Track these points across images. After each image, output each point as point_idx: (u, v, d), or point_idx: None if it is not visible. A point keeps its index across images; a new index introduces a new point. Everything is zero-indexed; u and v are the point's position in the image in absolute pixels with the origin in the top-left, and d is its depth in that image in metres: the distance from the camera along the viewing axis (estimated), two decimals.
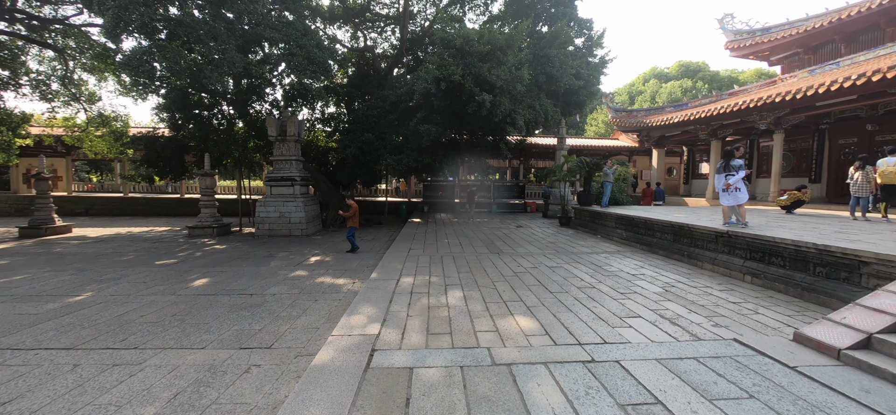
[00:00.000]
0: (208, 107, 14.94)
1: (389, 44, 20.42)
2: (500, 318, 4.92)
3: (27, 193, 22.74)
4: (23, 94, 16.32)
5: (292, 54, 12.05)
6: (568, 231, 13.39)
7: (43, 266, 8.64)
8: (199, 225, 13.74)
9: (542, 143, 24.62)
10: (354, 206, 10.47)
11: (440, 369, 3.58)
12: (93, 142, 17.81)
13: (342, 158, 17.02)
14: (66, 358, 4.08)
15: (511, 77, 12.68)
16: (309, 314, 5.45)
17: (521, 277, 6.98)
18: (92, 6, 9.19)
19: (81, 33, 16.17)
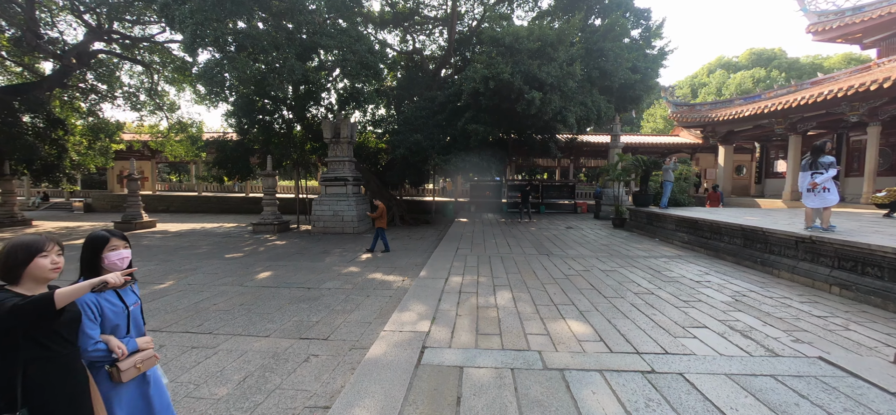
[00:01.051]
0: (270, 112, 16.04)
1: (437, 45, 20.66)
2: (551, 321, 4.79)
3: (120, 192, 25.78)
4: (117, 105, 18.64)
5: (346, 60, 12.58)
6: (622, 233, 12.75)
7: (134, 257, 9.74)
8: (262, 222, 14.79)
9: (594, 141, 23.64)
10: (382, 207, 10.55)
11: (490, 369, 3.56)
12: (173, 146, 19.82)
13: (392, 159, 17.49)
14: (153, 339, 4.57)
15: (562, 73, 12.31)
16: (362, 309, 5.66)
17: (573, 280, 6.76)
18: (174, 24, 10.24)
19: (164, 49, 18.06)
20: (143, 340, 2.12)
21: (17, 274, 1.68)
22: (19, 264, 1.68)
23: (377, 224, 10.46)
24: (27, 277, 1.70)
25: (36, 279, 1.72)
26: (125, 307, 2.09)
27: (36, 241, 1.74)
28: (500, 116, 13.94)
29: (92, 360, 1.90)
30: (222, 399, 3.31)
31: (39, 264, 1.71)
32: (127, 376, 1.96)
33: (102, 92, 18.45)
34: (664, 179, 13.06)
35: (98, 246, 2.02)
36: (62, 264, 1.81)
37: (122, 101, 18.71)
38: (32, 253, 1.70)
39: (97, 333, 1.94)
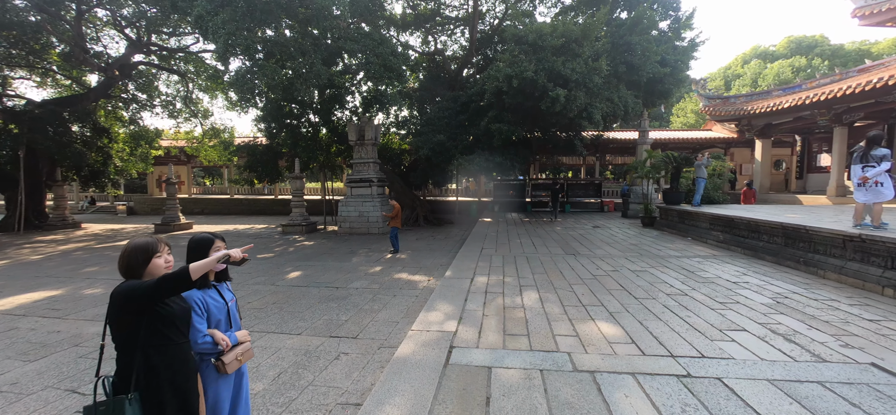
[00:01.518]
0: (297, 116, 16.49)
1: (459, 45, 20.67)
2: (580, 322, 4.71)
3: (159, 195, 27.13)
4: (156, 113, 19.78)
5: (369, 63, 12.78)
6: (652, 232, 12.37)
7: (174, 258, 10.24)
8: (290, 223, 15.24)
9: (621, 137, 23.03)
10: (397, 207, 10.69)
11: (519, 370, 3.54)
12: (207, 151, 20.69)
13: (415, 160, 17.64)
14: None
15: (587, 69, 12.07)
16: (389, 308, 5.74)
17: (601, 281, 6.61)
18: (207, 34, 10.68)
19: (198, 59, 18.88)
20: (241, 334, 2.28)
21: (138, 274, 1.87)
22: (140, 265, 1.86)
23: (391, 224, 10.60)
24: (146, 276, 1.88)
25: (152, 277, 1.88)
26: (225, 304, 2.27)
27: (151, 243, 1.93)
28: (524, 115, 13.80)
29: (200, 352, 2.07)
30: (259, 394, 3.44)
31: (156, 264, 1.90)
32: (231, 367, 2.12)
33: (142, 101, 19.49)
34: (697, 176, 12.57)
35: (206, 246, 2.20)
36: (173, 263, 2.01)
37: (160, 109, 19.71)
38: (150, 254, 1.89)
39: (205, 326, 2.11)
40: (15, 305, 6.23)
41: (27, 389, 3.62)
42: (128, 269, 1.87)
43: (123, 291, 1.76)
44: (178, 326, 1.90)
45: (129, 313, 1.75)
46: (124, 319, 1.77)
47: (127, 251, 1.89)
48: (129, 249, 1.89)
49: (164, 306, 1.84)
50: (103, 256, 10.61)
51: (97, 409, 1.72)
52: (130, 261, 1.86)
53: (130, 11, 15.78)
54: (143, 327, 1.77)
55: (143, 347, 1.77)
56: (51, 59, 16.82)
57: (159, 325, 1.81)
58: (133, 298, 1.73)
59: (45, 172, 17.72)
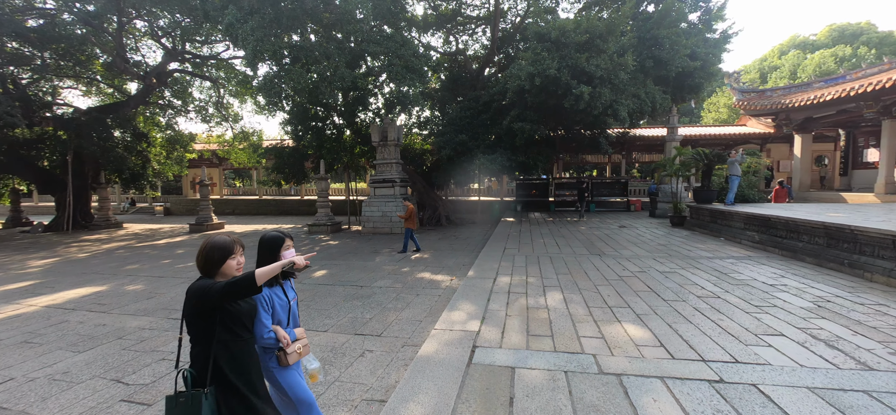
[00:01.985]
0: (322, 119, 16.88)
1: (480, 45, 20.60)
2: (606, 324, 4.62)
3: (193, 197, 28.35)
4: (190, 118, 20.60)
5: (392, 65, 12.93)
6: (681, 232, 11.95)
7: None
8: (316, 223, 15.61)
9: (649, 134, 22.36)
10: (411, 207, 10.72)
11: (543, 371, 3.51)
12: (237, 154, 21.46)
13: (437, 160, 17.72)
14: None
15: (612, 65, 11.80)
16: (412, 307, 5.80)
17: (628, 282, 6.45)
18: (237, 41, 11.11)
19: (229, 65, 19.62)
20: (299, 331, 2.44)
21: (213, 271, 1.98)
22: (216, 263, 1.97)
23: (406, 225, 10.66)
24: (220, 275, 1.99)
25: (225, 277, 1.99)
26: (288, 302, 2.42)
27: (228, 243, 2.02)
28: (547, 113, 13.62)
29: (264, 346, 2.21)
30: None
31: (229, 264, 1.99)
32: (292, 359, 2.27)
33: (177, 107, 20.44)
34: (730, 174, 12.06)
35: (277, 245, 2.33)
36: (243, 264, 2.12)
37: (194, 114, 20.62)
38: (226, 255, 1.99)
39: (270, 322, 2.25)
40: (65, 300, 6.67)
41: (77, 378, 3.88)
42: (205, 265, 1.98)
43: (197, 291, 1.86)
44: (245, 322, 2.03)
45: (202, 310, 1.87)
46: (197, 316, 1.89)
47: (206, 248, 2.00)
48: (208, 246, 2.00)
49: (233, 305, 1.95)
50: (143, 255, 11.20)
51: (177, 399, 1.85)
52: (208, 258, 1.97)
53: (166, 22, 16.58)
54: (216, 324, 1.89)
55: (216, 342, 1.89)
56: (95, 68, 17.89)
57: (229, 322, 1.92)
58: (205, 297, 1.84)
59: (90, 175, 18.85)
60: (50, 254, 11.73)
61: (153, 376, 3.88)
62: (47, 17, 14.96)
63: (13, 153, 16.63)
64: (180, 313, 5.71)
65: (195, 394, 1.82)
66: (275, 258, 2.28)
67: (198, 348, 1.92)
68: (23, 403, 3.45)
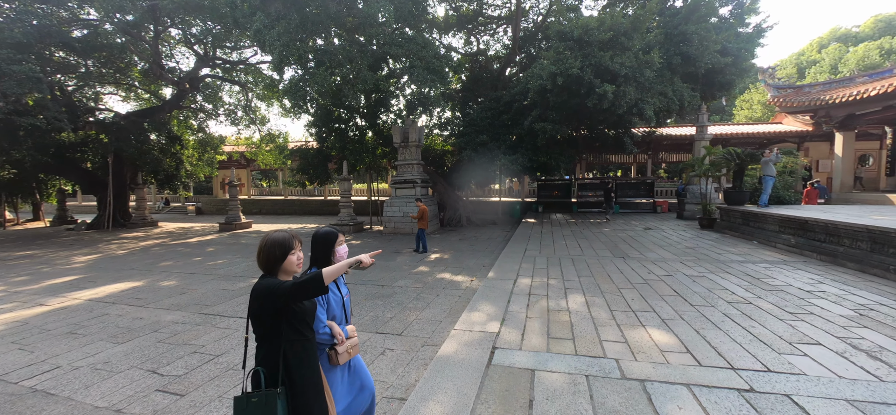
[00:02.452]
0: (345, 120, 17.20)
1: (501, 44, 20.49)
2: (629, 328, 4.52)
3: (223, 197, 29.40)
4: (220, 121, 21.36)
5: (413, 67, 13.05)
6: (711, 235, 11.53)
7: (235, 254, 11.10)
8: (339, 223, 15.91)
9: (676, 133, 21.66)
10: (423, 208, 10.92)
11: (563, 375, 3.47)
12: (264, 155, 22.13)
13: (457, 160, 17.73)
14: None
15: (637, 63, 11.50)
16: (432, 307, 5.83)
17: (653, 286, 6.28)
18: (265, 47, 11.47)
19: (257, 70, 20.28)
20: (351, 328, 2.37)
21: (275, 269, 1.98)
22: (278, 260, 1.96)
23: (419, 225, 10.82)
24: (281, 272, 1.99)
25: (286, 273, 2.00)
26: (342, 298, 2.40)
27: (287, 239, 2.00)
28: (570, 113, 13.41)
29: (319, 342, 2.17)
30: None
31: (290, 260, 1.99)
32: (342, 359, 2.23)
33: (208, 110, 21.28)
34: (764, 174, 11.53)
35: (331, 241, 2.31)
36: (302, 259, 2.12)
37: (224, 117, 21.40)
38: (286, 250, 1.98)
39: (325, 317, 2.23)
40: (106, 294, 7.07)
41: (116, 368, 4.11)
42: (267, 262, 1.97)
43: (264, 291, 1.86)
44: (309, 321, 2.02)
45: (269, 310, 1.86)
46: (264, 315, 1.88)
47: (266, 246, 1.98)
48: (269, 244, 1.98)
49: (298, 304, 1.94)
50: (176, 252, 11.71)
51: (248, 399, 1.82)
52: (269, 256, 1.96)
53: (198, 29, 17.30)
54: (283, 323, 1.89)
55: (284, 341, 1.90)
56: (133, 75, 18.85)
57: (295, 321, 1.92)
58: (273, 297, 1.83)
59: (128, 176, 19.86)
60: (92, 250, 12.43)
61: (186, 367, 4.06)
62: (91, 27, 15.87)
63: (60, 156, 17.71)
64: (213, 309, 5.96)
65: (270, 393, 1.81)
66: (330, 254, 2.27)
67: (266, 347, 1.91)
68: (68, 390, 3.69)
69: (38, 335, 5.11)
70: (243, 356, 2.09)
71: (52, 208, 24.16)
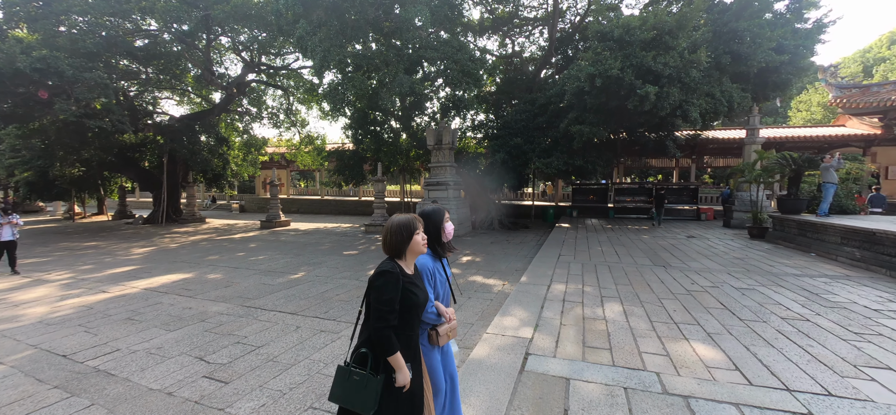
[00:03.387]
0: (380, 123, 17.56)
1: (537, 46, 20.21)
2: (671, 341, 4.30)
3: (264, 196, 30.81)
4: (263, 124, 22.59)
5: (448, 70, 13.13)
6: (762, 246, 10.78)
7: (274, 250, 11.60)
8: (372, 223, 16.23)
9: (723, 136, 20.44)
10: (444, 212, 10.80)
11: (600, 385, 3.36)
12: (303, 156, 23.00)
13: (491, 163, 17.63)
14: (291, 320, 5.39)
15: (682, 63, 10.98)
16: (463, 310, 5.82)
17: (698, 297, 5.95)
18: (307, 52, 11.94)
19: (298, 75, 21.13)
20: (450, 310, 2.33)
21: (403, 250, 2.01)
22: (405, 242, 2.00)
23: None
24: (408, 253, 2.03)
25: (413, 253, 2.04)
26: (447, 279, 2.37)
27: (412, 222, 2.03)
28: (608, 115, 13.00)
29: (424, 321, 2.15)
30: None
31: (416, 241, 2.02)
32: (442, 340, 2.20)
33: (253, 114, 22.40)
34: (824, 181, 10.65)
35: (440, 219, 2.34)
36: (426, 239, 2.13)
37: (267, 120, 22.46)
38: (412, 232, 2.01)
39: (432, 296, 2.21)
40: (159, 284, 7.58)
41: (168, 353, 4.39)
42: (394, 246, 2.00)
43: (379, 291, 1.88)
44: (418, 315, 2.01)
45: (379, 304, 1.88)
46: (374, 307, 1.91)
47: (392, 230, 2.00)
48: (394, 227, 2.00)
49: (410, 297, 1.93)
50: (221, 247, 12.39)
51: (351, 374, 1.89)
52: (397, 238, 1.99)
53: (246, 37, 18.27)
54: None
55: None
56: (187, 81, 20.18)
57: (405, 313, 1.92)
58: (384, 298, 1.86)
59: (180, 174, 21.25)
60: (148, 243, 13.40)
61: (230, 357, 4.28)
62: (151, 37, 17.15)
63: (122, 155, 19.24)
64: (254, 303, 6.22)
65: (371, 378, 1.85)
66: (438, 231, 2.29)
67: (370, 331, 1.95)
68: (126, 371, 3.98)
69: (101, 320, 5.57)
70: (353, 331, 2.13)
71: (114, 204, 26.28)
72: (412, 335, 2.00)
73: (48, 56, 12.05)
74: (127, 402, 3.41)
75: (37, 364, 4.17)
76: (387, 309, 1.85)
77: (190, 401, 3.41)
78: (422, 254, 2.11)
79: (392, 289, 1.87)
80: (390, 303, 1.85)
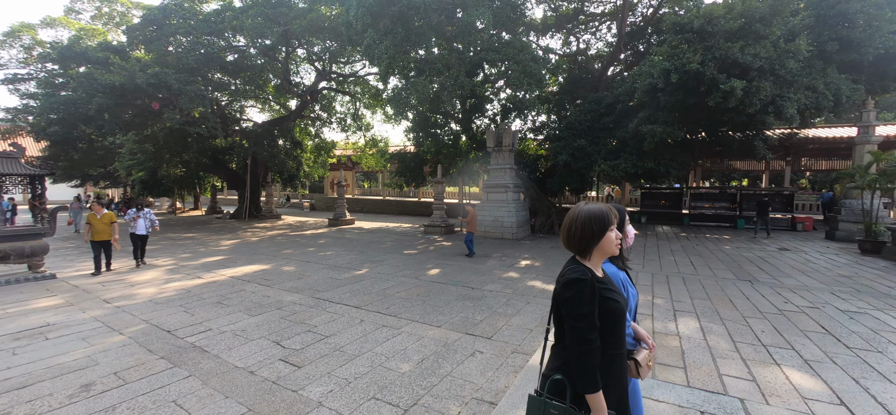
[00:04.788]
0: (441, 126, 17.86)
1: (604, 43, 19.23)
2: (759, 365, 3.85)
3: (331, 195, 32.82)
4: (332, 128, 23.98)
5: (509, 71, 12.99)
6: (877, 263, 9.22)
7: (341, 247, 12.31)
8: (431, 224, 16.55)
9: (827, 135, 17.83)
10: (472, 211, 11.14)
11: (672, 406, 3.11)
12: (367, 158, 24.17)
13: (552, 165, 17.13)
14: (355, 314, 5.69)
15: (776, 53, 9.80)
16: (522, 315, 5.72)
17: (792, 318, 5.26)
18: (373, 60, 12.54)
19: (364, 81, 22.27)
20: (643, 333, 1.92)
21: (590, 247, 1.60)
22: (595, 237, 1.58)
23: (466, 229, 11.07)
24: (597, 251, 1.61)
25: (603, 253, 1.62)
26: (631, 296, 1.92)
27: (605, 213, 1.60)
28: (684, 114, 11.99)
29: None
30: (406, 374, 3.86)
31: (609, 238, 1.59)
32: (644, 372, 1.76)
33: (324, 119, 24.05)
34: None
35: (622, 218, 1.97)
36: (620, 237, 1.69)
37: (336, 124, 23.98)
38: (605, 226, 1.58)
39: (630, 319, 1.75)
40: (242, 273, 8.42)
41: (250, 336, 4.86)
42: (582, 240, 1.59)
43: (571, 305, 1.50)
44: (620, 331, 1.57)
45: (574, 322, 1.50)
46: (570, 326, 1.52)
47: (580, 220, 1.60)
48: (583, 218, 1.60)
49: (611, 303, 1.53)
50: (295, 242, 13.42)
51: (548, 408, 1.55)
52: (585, 231, 1.58)
53: (319, 48, 19.65)
54: None
55: None
56: (268, 90, 22.21)
57: (605, 330, 1.52)
58: (579, 313, 1.49)
59: (261, 175, 23.44)
60: (233, 237, 14.94)
61: (302, 343, 4.63)
62: (239, 52, 19.14)
63: (214, 158, 21.69)
64: (323, 295, 6.65)
65: (573, 412, 1.50)
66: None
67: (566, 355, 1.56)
68: (217, 349, 4.48)
69: (196, 302, 6.32)
70: (541, 357, 1.76)
71: (207, 200, 29.68)
72: (617, 357, 1.56)
73: (159, 72, 13.98)
74: (217, 376, 3.84)
75: (148, 337, 4.85)
76: (585, 326, 1.46)
77: (268, 380, 3.74)
78: (612, 255, 1.65)
79: (587, 301, 1.48)
80: (588, 319, 1.47)
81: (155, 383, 3.70)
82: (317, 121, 24.32)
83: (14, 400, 3.42)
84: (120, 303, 6.29)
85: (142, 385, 3.68)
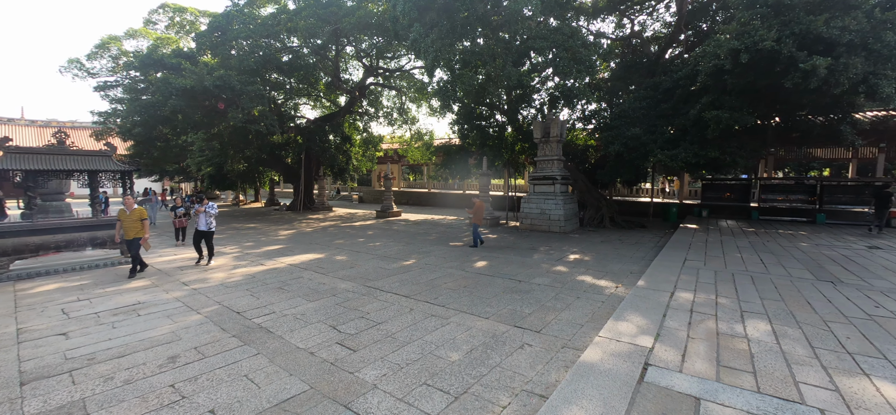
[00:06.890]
0: (486, 118, 17.70)
1: (661, 23, 18.00)
2: (842, 374, 3.49)
3: (379, 188, 33.81)
4: (379, 123, 24.59)
5: (558, 58, 12.56)
6: None
7: (388, 238, 12.67)
8: None
9: None
10: (479, 204, 11.22)
11: (741, 412, 2.91)
12: (413, 152, 24.57)
13: (602, 156, 16.42)
14: (405, 303, 5.86)
15: (870, 25, 8.65)
16: (572, 310, 5.58)
17: (884, 324, 4.69)
18: (419, 54, 12.67)
19: (410, 75, 22.59)
20: None
21: None
22: None
23: (473, 220, 11.20)
24: None
25: None
26: None
27: None
28: (755, 97, 10.96)
29: None
30: (455, 363, 3.93)
31: None
32: None
33: (371, 113, 24.76)
34: None
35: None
36: None
37: (383, 118, 24.60)
38: None
39: None
40: (299, 261, 8.95)
41: (309, 320, 5.18)
42: None
43: None
44: None
45: None
46: None
47: None
48: None
49: None
50: (345, 233, 14.02)
51: None
52: None
53: (367, 44, 20.21)
54: None
55: None
56: (319, 88, 23.23)
57: None
58: None
59: (314, 169, 24.65)
60: (289, 227, 15.89)
61: (356, 328, 4.86)
62: (293, 52, 20.16)
63: (271, 153, 23.13)
64: (374, 283, 6.89)
65: None
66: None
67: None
68: (280, 331, 4.82)
69: (260, 287, 6.83)
70: None
71: (265, 193, 31.77)
72: None
73: (224, 75, 15.10)
74: (281, 355, 4.15)
75: (221, 317, 5.33)
76: None
77: (327, 362, 3.98)
78: None
79: None
80: None
81: (229, 359, 4.07)
82: (364, 116, 25.08)
83: (116, 367, 3.92)
84: (196, 286, 6.95)
85: (218, 359, 4.06)
